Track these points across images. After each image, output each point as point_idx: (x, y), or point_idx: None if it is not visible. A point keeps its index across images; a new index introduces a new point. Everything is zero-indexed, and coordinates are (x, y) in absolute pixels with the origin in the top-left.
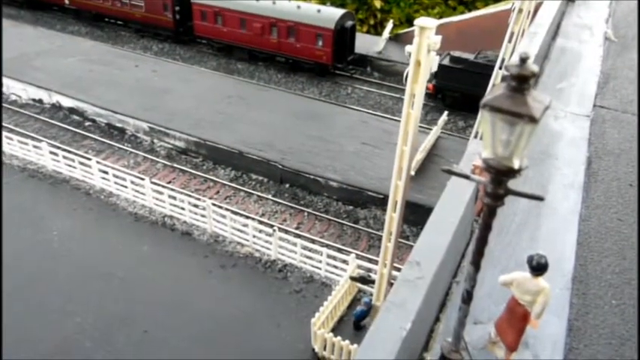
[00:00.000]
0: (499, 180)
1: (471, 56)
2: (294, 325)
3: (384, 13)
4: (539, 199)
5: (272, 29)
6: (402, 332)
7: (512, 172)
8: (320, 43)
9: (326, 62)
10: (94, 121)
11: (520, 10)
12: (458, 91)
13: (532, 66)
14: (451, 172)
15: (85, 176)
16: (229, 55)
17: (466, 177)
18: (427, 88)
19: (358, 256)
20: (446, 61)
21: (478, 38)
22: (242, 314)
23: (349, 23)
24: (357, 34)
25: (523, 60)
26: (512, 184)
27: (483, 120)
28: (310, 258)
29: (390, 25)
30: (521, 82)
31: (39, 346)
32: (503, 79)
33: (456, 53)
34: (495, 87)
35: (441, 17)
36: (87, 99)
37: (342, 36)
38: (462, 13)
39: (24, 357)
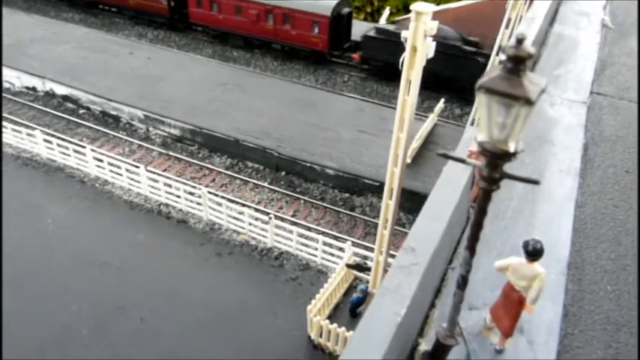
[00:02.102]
0: (494, 163)
1: (392, 27)
2: (290, 312)
3: (381, 1)
4: (535, 182)
5: (268, 16)
6: (396, 318)
7: (507, 156)
8: (316, 30)
9: (322, 50)
10: (88, 108)
11: None
12: (381, 60)
13: (529, 47)
14: (447, 157)
15: (79, 164)
16: (225, 43)
17: (462, 161)
18: (354, 58)
19: (354, 244)
20: (371, 33)
21: (476, 25)
22: (238, 302)
23: (345, 10)
24: (353, 22)
25: (519, 41)
26: (509, 169)
27: (479, 103)
28: (306, 245)
29: (386, 13)
30: (518, 63)
31: (35, 334)
32: (500, 63)
33: (380, 25)
34: (492, 69)
35: (438, 4)
36: (81, 86)
37: (339, 23)
38: (460, 0)
39: (20, 345)
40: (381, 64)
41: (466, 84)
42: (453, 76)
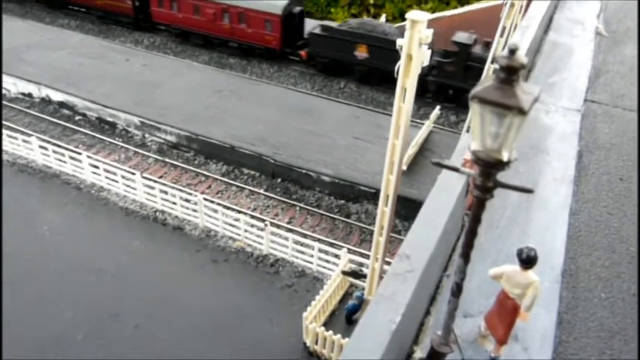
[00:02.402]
0: (488, 172)
1: (335, 25)
2: (286, 319)
3: (378, 8)
4: (529, 191)
5: (224, 15)
6: (391, 325)
7: (501, 165)
8: (269, 28)
9: (275, 47)
10: (84, 115)
11: (512, 5)
12: (327, 57)
13: (521, 57)
14: (441, 165)
15: (75, 171)
16: (186, 42)
17: (455, 169)
18: (301, 55)
19: (350, 251)
20: (317, 30)
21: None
22: (234, 309)
23: (297, 9)
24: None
25: (512, 51)
26: (503, 177)
27: (472, 112)
28: (302, 252)
29: (382, 20)
30: (511, 73)
31: (30, 340)
32: (494, 72)
33: (326, 23)
34: (485, 78)
35: (434, 12)
36: (77, 93)
37: (290, 22)
38: (455, 7)
39: (15, 351)
40: (326, 61)
41: None
42: (391, 70)
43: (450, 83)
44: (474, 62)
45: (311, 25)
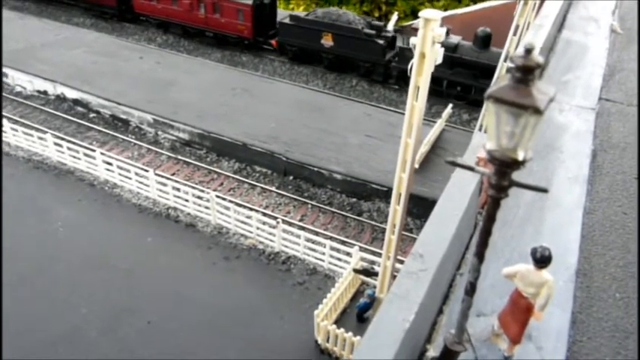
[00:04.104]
0: (503, 172)
1: (303, 14)
2: (298, 316)
3: (389, 6)
4: (543, 190)
5: (200, 5)
6: (404, 324)
7: (516, 164)
8: (241, 18)
9: (247, 36)
10: (98, 112)
11: (526, 3)
12: (296, 45)
13: (537, 57)
14: (455, 164)
15: (89, 167)
16: (166, 31)
17: (470, 168)
18: (271, 45)
19: (362, 249)
20: (286, 20)
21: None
22: (245, 306)
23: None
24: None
25: (528, 51)
26: (517, 176)
27: (488, 111)
28: (314, 250)
29: (394, 18)
30: (526, 73)
31: (44, 335)
32: (508, 70)
33: (294, 13)
34: (500, 78)
35: (446, 10)
36: (91, 90)
37: (261, 11)
38: (467, 5)
39: (29, 346)
40: (295, 49)
41: (367, 64)
42: (356, 58)
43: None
44: None
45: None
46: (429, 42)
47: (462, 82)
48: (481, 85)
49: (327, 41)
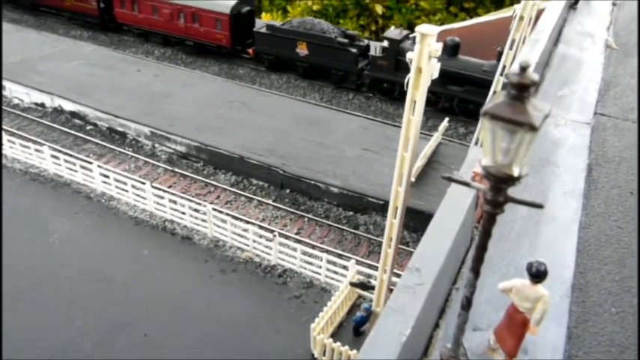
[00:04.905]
0: (499, 188)
1: (278, 24)
2: (294, 330)
3: (386, 19)
4: (539, 206)
5: (179, 15)
6: (401, 338)
7: (511, 180)
8: (219, 27)
9: (225, 45)
10: (95, 125)
11: (521, 18)
12: (272, 54)
13: (532, 74)
14: (452, 180)
15: (86, 180)
16: (147, 40)
17: (466, 184)
18: (249, 53)
19: (358, 262)
20: (262, 29)
21: (479, 45)
22: (242, 319)
23: (246, 9)
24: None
25: (523, 68)
26: (512, 191)
27: (483, 128)
28: (310, 263)
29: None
30: (522, 90)
31: (40, 348)
32: (504, 86)
33: (271, 22)
34: (496, 95)
35: (442, 24)
36: (88, 103)
37: (239, 21)
38: (464, 20)
39: (25, 359)
40: (272, 58)
41: (341, 72)
42: (330, 66)
43: (382, 77)
44: (404, 57)
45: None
46: (425, 56)
47: (432, 90)
48: (450, 92)
49: (302, 50)
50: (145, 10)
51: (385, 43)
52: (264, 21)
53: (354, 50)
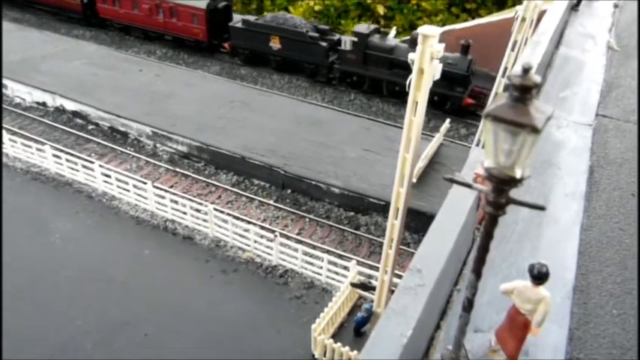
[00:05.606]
0: (501, 189)
1: (253, 18)
2: (295, 330)
3: (388, 20)
4: (541, 208)
5: (158, 10)
6: (402, 339)
7: (514, 182)
8: (196, 22)
9: (202, 39)
10: (97, 124)
11: (523, 19)
12: (247, 48)
13: (534, 76)
14: (453, 181)
15: (87, 179)
16: (128, 35)
17: (468, 186)
18: (225, 47)
19: (359, 263)
20: (238, 24)
21: (481, 46)
22: (243, 319)
23: (222, 4)
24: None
25: (526, 70)
26: (514, 192)
27: (486, 129)
28: (311, 264)
29: (393, 32)
30: (524, 92)
31: (40, 348)
32: (506, 88)
33: (246, 17)
34: (498, 96)
35: (444, 25)
36: (90, 102)
37: (216, 15)
38: (465, 21)
39: (25, 358)
40: (247, 52)
41: (312, 66)
42: (302, 60)
43: (351, 70)
44: (371, 51)
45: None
46: (427, 58)
47: (400, 82)
48: None
49: (275, 44)
50: (126, 6)
51: (354, 38)
52: (240, 16)
53: (324, 44)
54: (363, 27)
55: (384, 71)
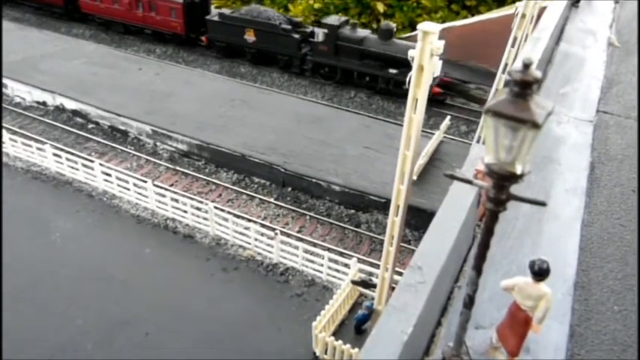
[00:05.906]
0: (501, 185)
1: (228, 12)
2: (295, 328)
3: (387, 17)
4: (542, 204)
5: (138, 4)
6: (403, 336)
7: (514, 178)
8: (174, 15)
9: (180, 32)
10: (97, 123)
11: (523, 15)
12: (223, 41)
13: (535, 72)
14: (454, 177)
15: (87, 178)
16: (108, 29)
17: (469, 182)
18: (202, 40)
19: (360, 260)
20: (215, 17)
21: (481, 43)
22: (243, 317)
23: None
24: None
25: (526, 66)
26: (515, 189)
27: (486, 125)
28: (312, 261)
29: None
30: (524, 87)
31: (40, 347)
32: (506, 84)
33: (222, 10)
34: (498, 92)
35: (444, 22)
36: (90, 101)
37: (193, 9)
38: (465, 17)
39: (25, 358)
40: (224, 45)
41: (285, 57)
42: (275, 52)
43: (323, 61)
44: (342, 42)
45: None
46: (427, 54)
47: (371, 73)
48: (387, 75)
49: (250, 36)
50: (107, 0)
51: (325, 30)
52: (216, 10)
53: (296, 36)
54: (333, 18)
55: (354, 62)
